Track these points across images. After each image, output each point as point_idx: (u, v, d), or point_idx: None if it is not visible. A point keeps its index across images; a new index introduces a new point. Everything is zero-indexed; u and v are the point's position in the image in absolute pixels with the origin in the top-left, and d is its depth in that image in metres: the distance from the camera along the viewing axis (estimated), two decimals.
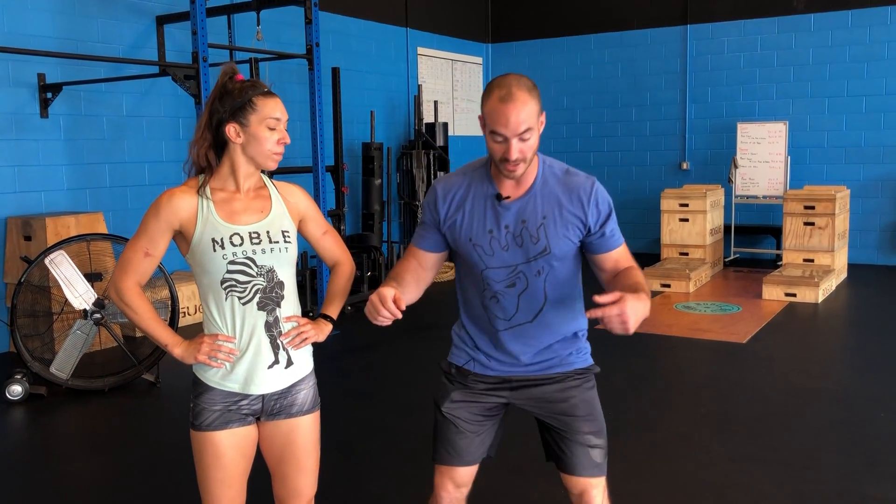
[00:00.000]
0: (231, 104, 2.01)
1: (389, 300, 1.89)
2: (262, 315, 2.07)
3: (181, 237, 2.07)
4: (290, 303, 2.13)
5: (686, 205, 8.36)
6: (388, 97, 9.52)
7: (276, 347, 2.09)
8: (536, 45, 10.90)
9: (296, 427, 2.14)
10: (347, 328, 5.99)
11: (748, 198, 9.19)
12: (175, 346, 2.08)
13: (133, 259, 2.06)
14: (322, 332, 2.19)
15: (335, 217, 7.27)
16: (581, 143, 10.66)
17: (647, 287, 1.99)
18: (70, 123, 6.22)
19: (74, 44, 6.15)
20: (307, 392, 2.17)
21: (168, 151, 6.92)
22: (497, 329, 2.15)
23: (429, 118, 9.58)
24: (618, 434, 3.59)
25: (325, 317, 2.25)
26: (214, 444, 2.06)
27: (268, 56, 6.95)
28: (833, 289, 7.59)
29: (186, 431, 2.12)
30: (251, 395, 2.08)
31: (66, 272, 4.74)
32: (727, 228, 9.21)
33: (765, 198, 9.10)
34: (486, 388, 2.20)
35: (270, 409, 2.12)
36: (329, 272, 2.34)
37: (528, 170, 2.06)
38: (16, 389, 4.67)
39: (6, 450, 4.11)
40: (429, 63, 10.16)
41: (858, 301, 7.34)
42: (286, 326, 2.11)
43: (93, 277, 4.99)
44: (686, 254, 8.41)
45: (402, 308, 1.92)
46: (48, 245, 5.19)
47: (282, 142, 2.06)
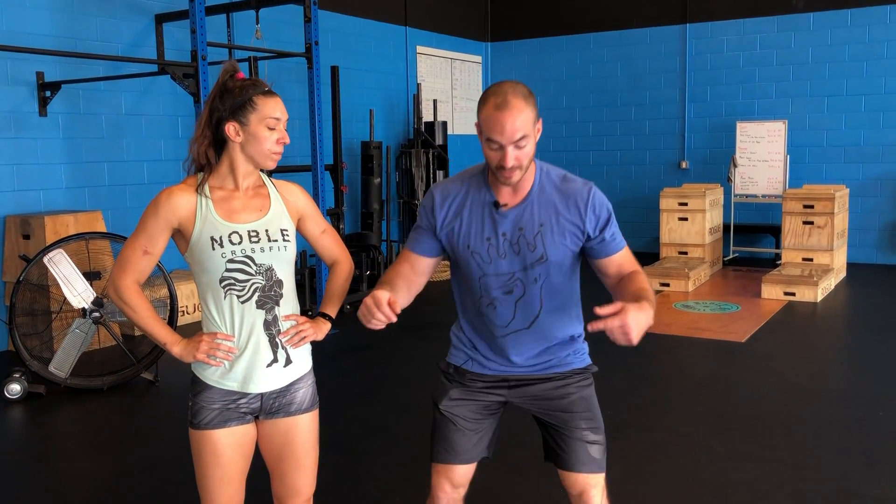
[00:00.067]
0: (231, 103, 2.01)
1: (384, 303, 1.88)
2: (261, 314, 2.07)
3: (180, 235, 2.06)
4: (289, 301, 2.13)
5: (685, 204, 8.36)
6: (388, 96, 9.51)
7: (275, 346, 2.09)
8: (535, 44, 10.89)
9: (294, 425, 2.14)
10: (346, 327, 5.99)
11: (747, 197, 9.19)
12: (174, 345, 2.08)
13: (132, 257, 2.06)
14: (321, 331, 2.19)
15: (334, 216, 7.26)
16: (580, 143, 10.66)
17: (652, 292, 1.98)
18: (69, 122, 6.21)
19: (73, 42, 6.14)
20: (306, 391, 2.17)
21: (167, 150, 6.92)
22: (494, 335, 2.16)
23: (428, 117, 9.58)
24: (617, 433, 3.59)
25: (324, 315, 2.26)
26: (213, 443, 2.06)
27: (267, 55, 6.95)
28: (832, 288, 7.59)
29: (185, 430, 2.12)
30: (250, 394, 2.08)
31: (65, 271, 4.74)
32: (726, 227, 9.21)
33: (764, 197, 9.10)
34: (484, 387, 2.21)
35: (269, 408, 2.12)
36: (328, 271, 2.34)
37: (525, 176, 2.06)
38: (14, 388, 4.67)
39: (5, 448, 4.11)
40: (428, 62, 10.16)
41: (857, 300, 7.34)
42: (285, 325, 2.11)
43: (91, 276, 4.99)
44: (685, 253, 8.41)
45: (397, 311, 1.90)
46: (47, 244, 5.18)
47: (281, 141, 2.06)
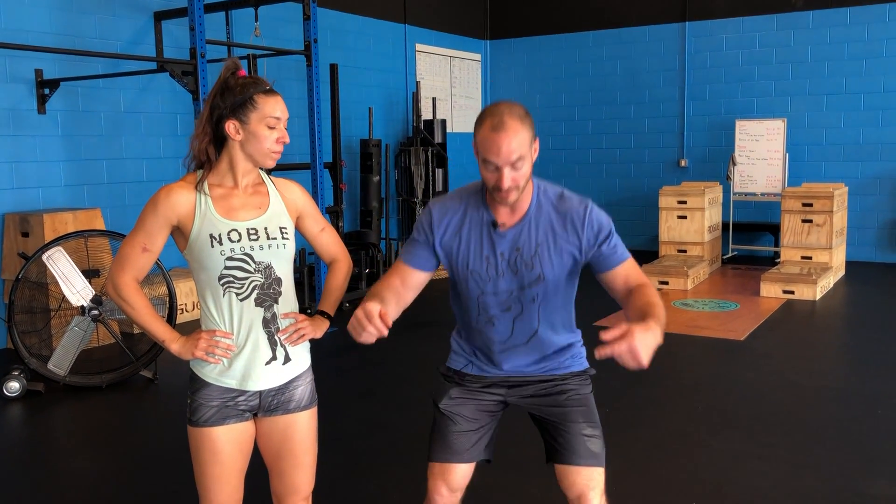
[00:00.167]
0: (232, 101, 2.01)
1: (376, 316, 1.85)
2: (260, 311, 2.07)
3: (179, 233, 2.06)
4: (288, 299, 2.13)
5: (684, 202, 8.36)
6: (387, 94, 9.50)
7: (274, 344, 2.10)
8: (535, 42, 10.89)
9: (293, 423, 2.14)
10: (345, 325, 5.98)
11: (746, 195, 9.19)
12: (172, 342, 2.08)
13: (131, 254, 2.06)
14: (319, 329, 2.19)
15: (333, 214, 7.26)
16: (579, 141, 10.66)
17: (661, 306, 1.93)
18: (67, 119, 6.21)
19: (72, 39, 6.13)
20: (304, 388, 2.17)
21: (166, 148, 6.91)
22: (493, 350, 2.20)
23: (427, 115, 9.57)
24: (615, 431, 3.59)
25: (323, 313, 2.26)
26: (212, 440, 2.06)
27: (266, 52, 6.94)
28: (831, 286, 7.59)
29: (184, 428, 2.12)
30: (248, 392, 2.08)
31: (64, 268, 4.73)
32: (725, 226, 9.21)
33: (763, 195, 9.10)
34: (484, 387, 2.24)
35: (268, 406, 2.12)
36: (326, 269, 2.34)
37: (523, 196, 2.07)
38: (13, 386, 4.67)
39: (3, 446, 4.10)
40: (427, 59, 10.15)
41: (856, 298, 7.34)
42: (284, 323, 2.11)
43: (90, 274, 4.99)
44: (684, 251, 8.41)
45: (389, 325, 1.87)
46: (46, 241, 5.18)
47: (281, 140, 2.05)
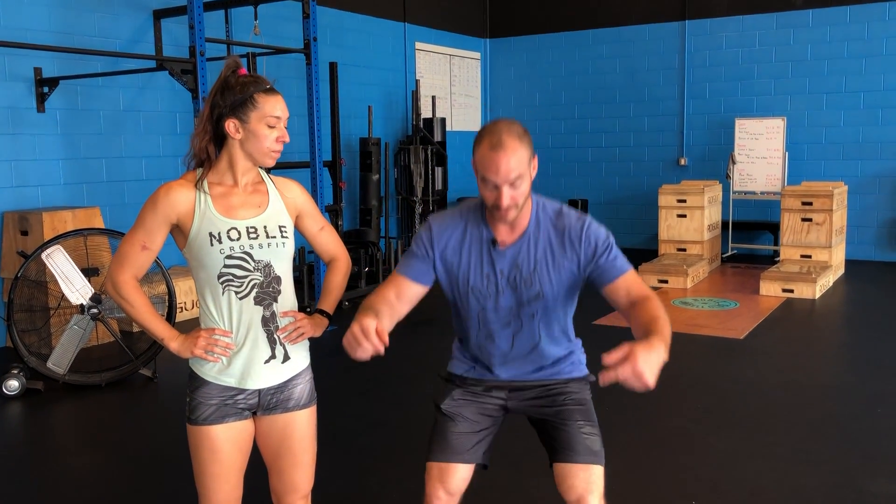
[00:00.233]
0: (232, 99, 2.00)
1: (372, 332, 1.81)
2: (259, 310, 2.06)
3: (178, 231, 2.06)
4: (287, 298, 2.13)
5: (684, 201, 8.36)
6: (386, 92, 9.50)
7: (273, 342, 2.09)
8: (534, 41, 10.88)
9: (292, 422, 2.14)
10: (344, 323, 5.99)
11: (746, 194, 9.19)
12: (171, 341, 2.08)
13: (130, 253, 2.05)
14: (318, 328, 2.19)
15: (332, 212, 7.26)
16: (579, 139, 10.66)
17: (665, 319, 1.90)
18: (67, 118, 6.20)
19: (71, 38, 6.13)
20: (304, 387, 2.17)
21: (165, 146, 6.91)
22: (493, 364, 2.22)
23: (426, 113, 9.57)
24: (615, 430, 3.59)
25: (322, 312, 2.26)
26: (211, 439, 2.06)
27: (265, 51, 6.94)
28: (830, 285, 7.59)
29: (183, 426, 2.11)
30: (247, 390, 2.08)
31: (63, 267, 4.73)
32: (725, 224, 9.21)
33: (762, 194, 9.10)
34: (485, 390, 2.26)
35: (267, 404, 2.12)
36: (326, 268, 2.33)
37: (522, 213, 2.08)
38: (12, 384, 4.66)
39: (3, 445, 4.10)
40: (426, 58, 10.15)
41: (856, 297, 7.35)
42: (283, 321, 2.11)
43: (90, 272, 4.99)
44: (684, 250, 8.41)
45: (385, 342, 1.82)
46: (45, 240, 5.18)
47: (281, 140, 2.05)
